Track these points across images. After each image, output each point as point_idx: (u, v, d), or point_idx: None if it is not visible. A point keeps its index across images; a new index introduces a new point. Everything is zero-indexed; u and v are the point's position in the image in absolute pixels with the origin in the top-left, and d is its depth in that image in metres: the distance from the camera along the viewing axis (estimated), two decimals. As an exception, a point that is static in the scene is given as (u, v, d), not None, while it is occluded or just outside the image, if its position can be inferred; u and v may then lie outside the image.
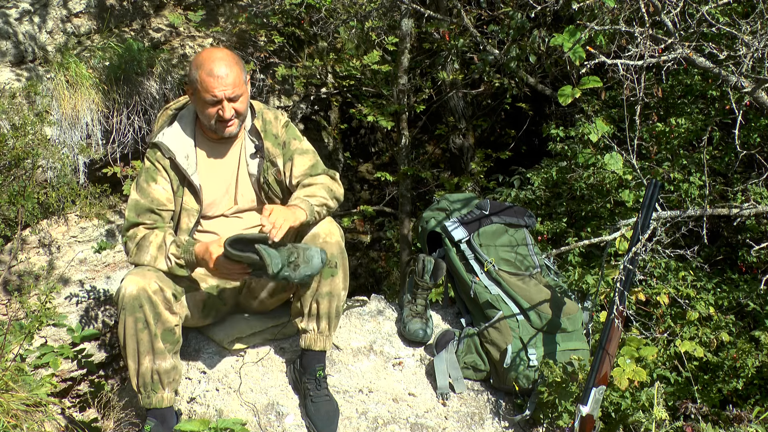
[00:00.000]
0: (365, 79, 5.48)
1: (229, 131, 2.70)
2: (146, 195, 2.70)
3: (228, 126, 2.68)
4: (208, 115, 2.66)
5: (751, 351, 3.41)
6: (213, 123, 2.67)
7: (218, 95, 2.60)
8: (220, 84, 2.59)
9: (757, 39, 2.53)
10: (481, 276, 3.10)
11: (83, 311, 3.80)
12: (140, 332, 2.56)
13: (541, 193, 4.50)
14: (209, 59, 2.62)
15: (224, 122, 2.66)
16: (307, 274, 2.53)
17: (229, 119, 2.66)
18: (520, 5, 4.42)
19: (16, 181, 3.60)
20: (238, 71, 2.64)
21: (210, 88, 2.59)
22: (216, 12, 5.17)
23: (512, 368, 2.89)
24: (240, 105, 2.67)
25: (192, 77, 2.64)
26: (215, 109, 2.64)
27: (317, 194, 2.71)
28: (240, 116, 2.69)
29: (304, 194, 2.70)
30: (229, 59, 2.64)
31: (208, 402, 2.83)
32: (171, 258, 2.60)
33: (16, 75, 3.98)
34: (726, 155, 4.09)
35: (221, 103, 2.62)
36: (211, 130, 2.73)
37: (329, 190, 2.76)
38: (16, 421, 2.44)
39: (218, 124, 2.67)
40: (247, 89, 2.70)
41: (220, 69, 2.59)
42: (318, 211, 2.67)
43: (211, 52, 2.67)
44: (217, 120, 2.66)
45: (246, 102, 2.71)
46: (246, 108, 2.72)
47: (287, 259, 2.50)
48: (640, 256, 2.57)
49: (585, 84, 2.96)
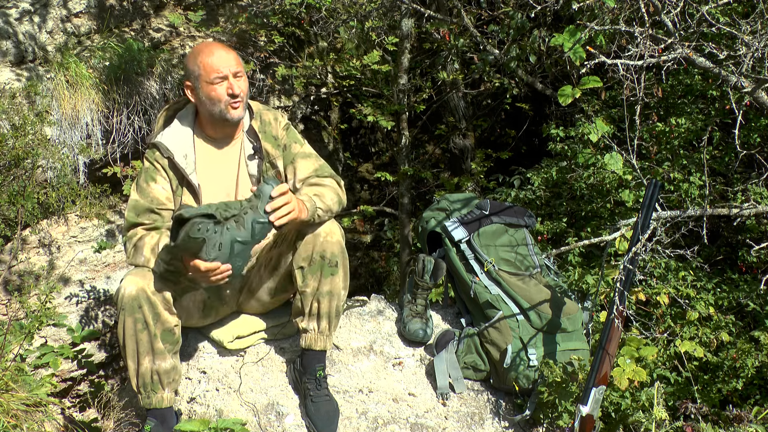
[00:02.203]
0: (365, 79, 5.48)
1: (237, 114, 2.70)
2: (146, 195, 2.70)
3: (236, 105, 2.69)
4: (217, 98, 2.67)
5: (751, 351, 3.41)
6: (223, 106, 2.68)
7: (223, 71, 2.65)
8: (224, 61, 2.66)
9: (757, 39, 2.52)
10: (481, 276, 3.10)
11: (83, 311, 3.80)
12: (140, 332, 2.55)
13: (541, 193, 4.50)
14: (206, 46, 2.72)
15: (234, 98, 2.68)
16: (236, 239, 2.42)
17: (238, 95, 2.68)
18: (520, 5, 4.42)
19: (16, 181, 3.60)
20: (236, 54, 2.73)
21: (215, 66, 2.65)
22: (216, 12, 5.17)
23: (512, 368, 2.89)
24: (244, 86, 2.71)
25: (191, 69, 2.68)
26: (224, 87, 2.66)
27: (326, 197, 2.70)
28: (245, 98, 2.73)
29: (313, 193, 2.70)
30: (225, 45, 2.76)
31: (208, 402, 2.83)
32: (161, 263, 2.59)
33: (16, 75, 3.98)
34: (726, 155, 4.09)
35: (228, 80, 2.67)
36: (220, 119, 2.72)
37: (336, 195, 2.76)
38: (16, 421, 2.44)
39: (227, 107, 2.68)
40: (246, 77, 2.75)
41: (219, 50, 2.69)
42: (320, 215, 2.67)
43: (205, 43, 2.79)
44: (229, 98, 2.67)
45: (247, 86, 2.74)
46: (247, 92, 2.75)
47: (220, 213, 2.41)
48: (640, 256, 2.57)
49: (585, 84, 2.96)
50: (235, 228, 2.44)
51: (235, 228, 2.44)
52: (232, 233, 2.43)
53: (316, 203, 2.64)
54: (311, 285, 2.69)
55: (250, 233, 2.46)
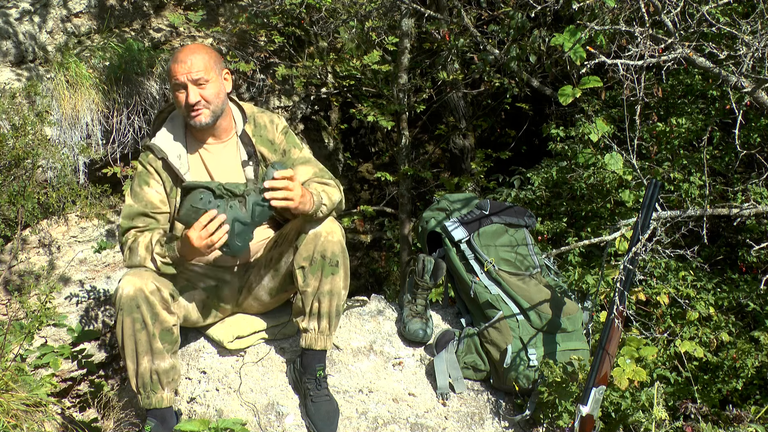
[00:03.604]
0: (365, 79, 5.48)
1: (198, 120, 2.67)
2: (140, 199, 2.70)
3: (196, 113, 2.65)
4: (179, 104, 2.67)
5: (751, 351, 3.41)
6: (185, 112, 2.67)
7: (180, 79, 2.61)
8: (183, 68, 2.61)
9: (757, 39, 2.53)
10: (481, 276, 3.10)
11: (83, 311, 3.80)
12: (138, 332, 2.56)
13: (541, 193, 4.50)
14: (180, 50, 2.68)
15: (190, 108, 2.64)
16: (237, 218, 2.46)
17: (194, 104, 2.63)
18: (520, 5, 4.42)
19: (16, 181, 3.60)
20: (205, 59, 2.64)
21: (174, 73, 2.63)
22: (216, 12, 5.17)
23: (512, 368, 2.89)
24: (208, 92, 2.64)
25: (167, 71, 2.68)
26: (182, 96, 2.64)
27: (332, 195, 2.70)
28: (210, 105, 2.66)
29: (321, 189, 2.69)
30: (199, 49, 2.67)
31: (208, 402, 2.83)
32: (157, 258, 2.60)
33: (16, 75, 3.98)
34: (726, 155, 4.09)
35: (186, 88, 2.62)
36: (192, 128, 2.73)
37: (339, 196, 2.76)
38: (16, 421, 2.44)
39: (188, 113, 2.67)
40: (219, 80, 2.68)
41: (185, 56, 2.63)
42: (323, 211, 2.67)
43: (185, 46, 2.73)
44: (185, 107, 2.65)
45: (216, 91, 2.66)
46: (216, 98, 2.67)
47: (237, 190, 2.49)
48: (640, 256, 2.57)
49: (585, 84, 2.96)
50: (238, 207, 2.48)
51: (238, 207, 2.48)
52: (235, 212, 2.47)
53: (322, 198, 2.64)
54: (312, 285, 2.69)
55: (250, 215, 2.48)
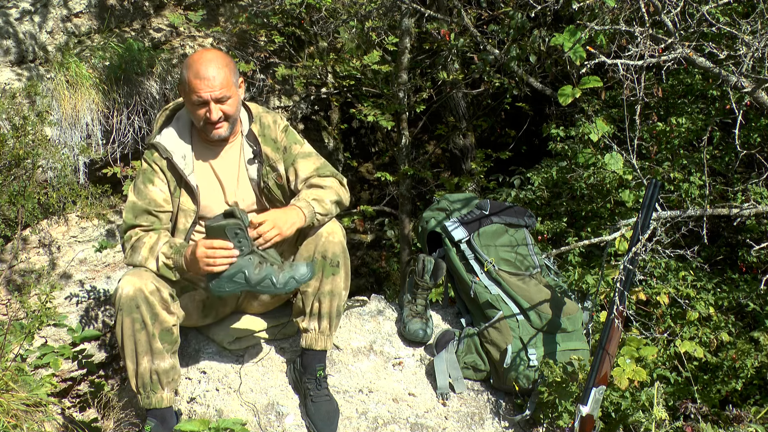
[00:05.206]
0: (365, 79, 5.47)
1: (218, 133, 2.67)
2: (143, 197, 2.70)
3: (216, 128, 2.66)
4: (197, 117, 2.66)
5: (750, 351, 3.41)
6: (202, 124, 2.66)
7: (204, 96, 2.59)
8: (207, 86, 2.58)
9: (757, 39, 2.53)
10: (481, 276, 3.10)
11: (83, 311, 3.80)
12: (138, 332, 2.55)
13: (541, 193, 4.50)
14: (198, 61, 2.61)
15: (212, 124, 2.65)
16: (292, 276, 2.50)
17: (216, 121, 2.64)
18: (520, 5, 4.42)
19: (16, 181, 3.59)
20: (226, 73, 2.61)
21: (197, 89, 2.58)
22: (216, 12, 5.17)
23: (512, 368, 2.89)
24: (228, 107, 2.64)
25: (182, 78, 2.65)
26: (203, 111, 2.62)
27: (325, 200, 2.69)
28: (229, 119, 2.67)
29: (312, 197, 2.67)
30: (219, 61, 2.62)
31: (208, 402, 2.83)
32: (160, 256, 2.58)
33: (16, 75, 3.98)
34: (726, 155, 4.09)
35: (208, 105, 2.61)
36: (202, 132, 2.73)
37: (337, 195, 2.74)
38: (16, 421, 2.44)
39: (206, 126, 2.66)
40: (237, 92, 2.67)
41: (207, 71, 2.58)
42: (319, 219, 2.66)
43: (201, 53, 2.66)
44: (205, 122, 2.65)
45: (235, 105, 2.67)
46: (236, 111, 2.68)
47: (273, 258, 2.52)
48: (640, 256, 2.57)
49: (585, 84, 2.96)
50: (252, 265, 2.49)
51: (252, 265, 2.49)
52: (247, 264, 2.48)
53: (314, 208, 2.64)
54: (312, 285, 2.69)
55: (255, 281, 2.49)
